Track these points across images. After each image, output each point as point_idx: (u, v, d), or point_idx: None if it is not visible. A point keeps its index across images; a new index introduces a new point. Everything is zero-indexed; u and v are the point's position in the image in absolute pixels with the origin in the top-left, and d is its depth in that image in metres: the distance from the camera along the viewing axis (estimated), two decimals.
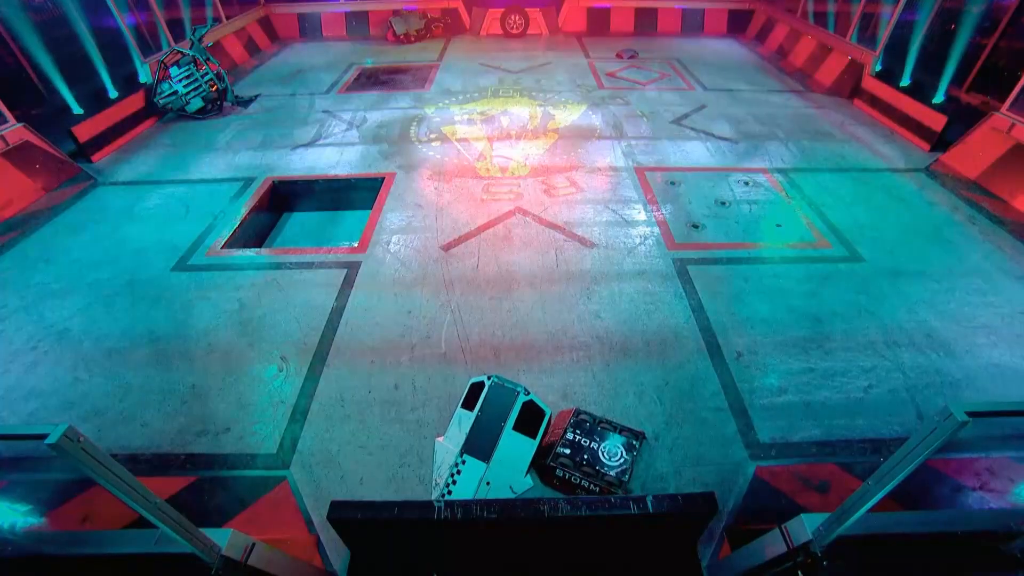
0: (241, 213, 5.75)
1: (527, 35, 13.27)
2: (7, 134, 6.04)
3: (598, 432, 3.23)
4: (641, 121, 8.07)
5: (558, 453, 3.09)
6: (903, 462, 1.69)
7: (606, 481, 3.02)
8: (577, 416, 3.31)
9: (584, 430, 3.22)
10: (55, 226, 5.60)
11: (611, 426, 3.28)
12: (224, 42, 10.86)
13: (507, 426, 3.20)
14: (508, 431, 3.19)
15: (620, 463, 3.10)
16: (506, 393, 3.30)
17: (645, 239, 5.27)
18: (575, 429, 3.22)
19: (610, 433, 3.23)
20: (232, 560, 2.10)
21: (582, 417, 3.30)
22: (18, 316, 4.39)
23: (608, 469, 3.06)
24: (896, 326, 4.20)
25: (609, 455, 3.12)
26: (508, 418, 3.23)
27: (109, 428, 3.45)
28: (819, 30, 10.47)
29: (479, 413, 3.24)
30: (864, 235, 5.31)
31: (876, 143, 7.34)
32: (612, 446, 3.16)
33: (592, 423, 3.27)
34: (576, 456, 3.10)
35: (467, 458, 3.12)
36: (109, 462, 1.64)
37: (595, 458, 3.10)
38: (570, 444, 3.15)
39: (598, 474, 3.04)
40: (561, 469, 3.05)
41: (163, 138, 7.65)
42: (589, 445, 3.15)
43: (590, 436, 3.20)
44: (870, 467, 3.17)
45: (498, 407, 3.26)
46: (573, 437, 3.18)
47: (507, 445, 3.17)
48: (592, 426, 3.26)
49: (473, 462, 3.11)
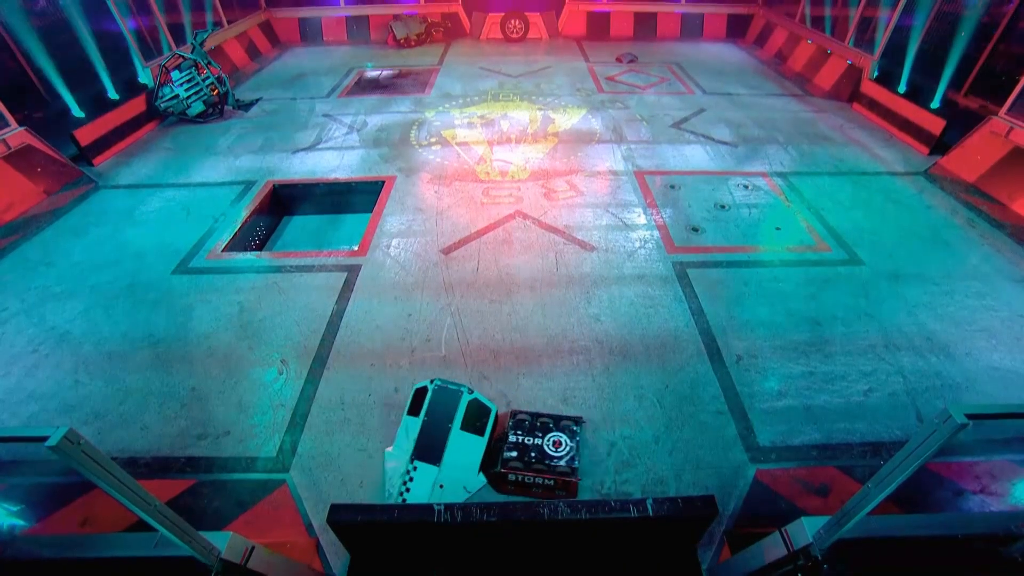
0: (242, 216, 5.76)
1: (527, 39, 13.32)
2: (9, 138, 6.06)
3: (539, 427, 3.26)
4: (641, 125, 8.10)
5: (506, 458, 3.09)
6: (903, 465, 1.69)
7: (558, 472, 3.04)
8: (515, 417, 3.33)
9: (525, 429, 3.25)
10: (56, 229, 5.62)
11: (549, 418, 3.32)
12: (225, 46, 10.91)
13: (454, 427, 3.19)
14: (456, 431, 3.18)
15: (567, 451, 3.13)
16: (450, 394, 3.28)
17: (645, 243, 5.28)
18: (516, 430, 3.23)
19: (550, 425, 3.27)
20: (231, 563, 2.10)
21: (520, 417, 3.33)
22: (19, 319, 4.39)
23: (557, 461, 3.09)
24: (896, 329, 4.20)
25: (555, 447, 3.16)
26: (454, 419, 3.21)
27: (109, 431, 3.45)
28: (818, 34, 10.52)
29: (425, 418, 3.21)
30: (863, 238, 5.32)
31: (875, 147, 7.37)
32: (555, 437, 3.20)
33: (531, 420, 3.30)
34: (524, 456, 3.11)
35: (418, 464, 3.10)
36: (109, 465, 1.64)
37: (542, 453, 3.12)
38: (515, 446, 3.15)
39: (549, 468, 3.06)
40: (513, 473, 3.05)
41: (164, 142, 7.67)
42: (533, 442, 3.17)
43: (532, 433, 3.22)
44: (870, 470, 3.18)
45: (444, 409, 3.24)
46: (516, 439, 3.19)
47: (456, 445, 3.17)
48: (532, 423, 3.28)
49: (424, 467, 3.09)
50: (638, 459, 3.27)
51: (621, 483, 3.15)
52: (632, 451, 3.32)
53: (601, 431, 3.43)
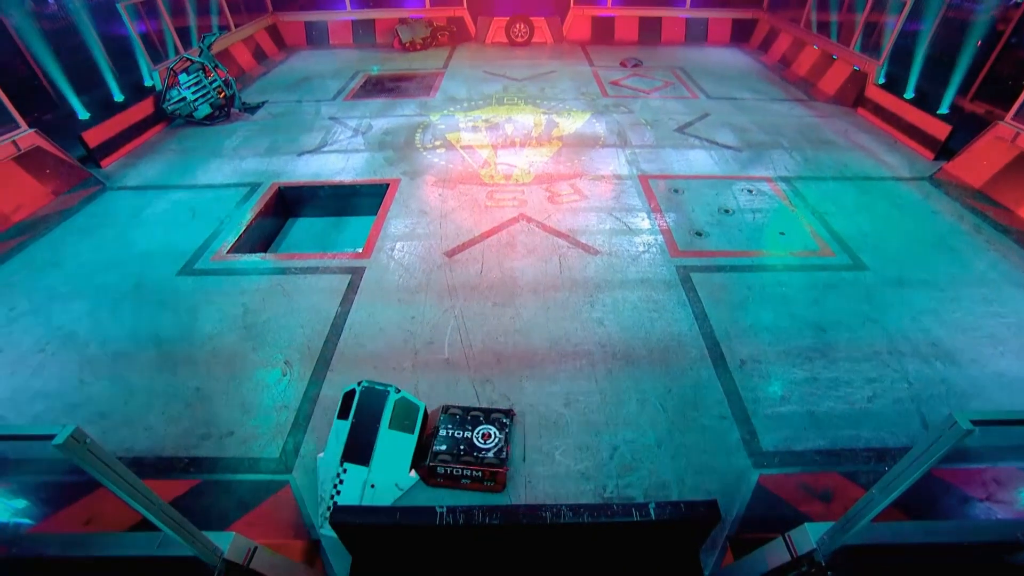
0: (247, 218, 5.79)
1: (532, 43, 13.37)
2: (19, 139, 6.15)
3: (469, 421, 3.31)
4: (645, 129, 8.11)
5: (435, 451, 3.15)
6: (907, 471, 1.68)
7: (487, 464, 3.10)
8: (447, 411, 3.39)
9: (456, 423, 3.31)
10: (64, 230, 5.66)
11: (480, 412, 3.36)
12: (232, 49, 11.00)
13: (382, 426, 3.19)
14: (384, 430, 3.19)
15: (496, 443, 3.19)
16: (377, 395, 3.28)
17: (649, 247, 5.28)
18: (447, 425, 3.29)
19: (481, 419, 3.31)
20: (234, 564, 2.10)
21: (452, 411, 3.38)
22: (26, 319, 4.43)
23: (486, 452, 3.14)
24: (901, 335, 4.18)
25: (484, 439, 3.21)
26: (382, 418, 3.21)
27: (113, 431, 3.47)
28: (823, 39, 10.52)
29: (353, 420, 3.21)
30: (868, 244, 5.31)
31: (880, 152, 7.35)
32: (485, 430, 3.26)
33: (462, 414, 3.35)
34: (453, 449, 3.16)
35: (347, 466, 3.10)
36: (115, 464, 1.65)
37: (471, 446, 3.18)
38: (445, 439, 3.21)
39: (478, 460, 3.12)
40: (442, 466, 3.11)
41: (171, 144, 7.73)
42: (463, 435, 3.23)
43: (462, 427, 3.28)
44: (874, 476, 3.15)
45: (372, 410, 3.24)
46: (447, 432, 3.25)
47: (386, 445, 3.17)
48: (463, 417, 3.34)
49: (354, 468, 3.09)
50: (640, 463, 3.26)
51: (624, 487, 3.14)
52: (635, 455, 3.31)
53: (604, 435, 3.42)
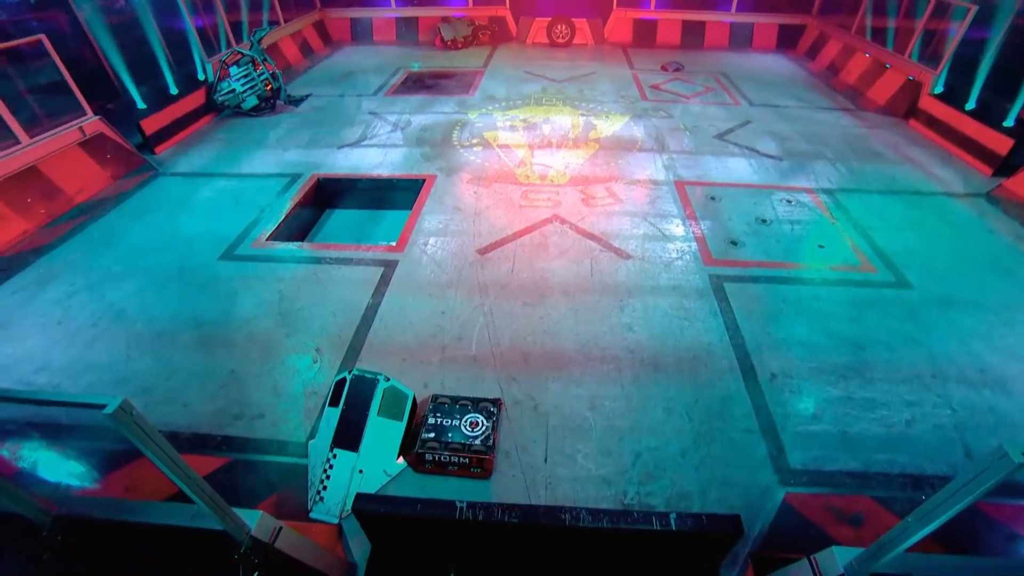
0: (286, 207, 5.97)
1: (573, 45, 13.32)
2: (85, 126, 6.54)
3: (457, 410, 3.37)
4: (684, 135, 7.98)
5: (424, 439, 3.22)
6: (949, 501, 1.61)
7: (474, 451, 3.17)
8: (435, 400, 3.47)
9: (444, 412, 3.38)
10: (119, 212, 5.97)
11: (469, 401, 3.43)
12: (281, 44, 11.35)
13: (371, 413, 3.25)
14: (373, 418, 3.24)
15: (483, 431, 3.28)
16: (367, 383, 3.33)
17: (682, 254, 5.20)
18: (435, 413, 3.37)
19: (469, 408, 3.38)
20: (260, 541, 2.18)
21: (441, 400, 3.47)
22: (82, 295, 4.69)
23: (473, 440, 3.23)
24: (945, 358, 4.00)
25: (471, 427, 3.28)
26: (371, 406, 3.27)
27: (155, 405, 3.64)
28: (875, 46, 10.12)
29: (344, 407, 3.27)
30: (913, 261, 5.09)
31: (931, 166, 7.03)
32: (472, 418, 3.33)
33: (451, 403, 3.42)
34: (441, 437, 3.24)
35: (337, 451, 3.16)
36: (156, 437, 1.74)
37: (459, 434, 3.25)
38: (433, 428, 3.29)
39: (465, 447, 3.19)
40: (429, 452, 3.17)
41: (219, 133, 8.03)
42: (451, 424, 3.31)
43: (450, 416, 3.36)
44: (910, 504, 3.03)
45: (361, 398, 3.30)
46: (435, 420, 3.33)
47: (375, 431, 3.23)
48: (451, 407, 3.40)
49: (344, 454, 3.16)
50: (663, 472, 3.22)
51: (645, 495, 3.11)
52: (657, 463, 3.27)
53: (627, 440, 3.40)
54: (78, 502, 2.24)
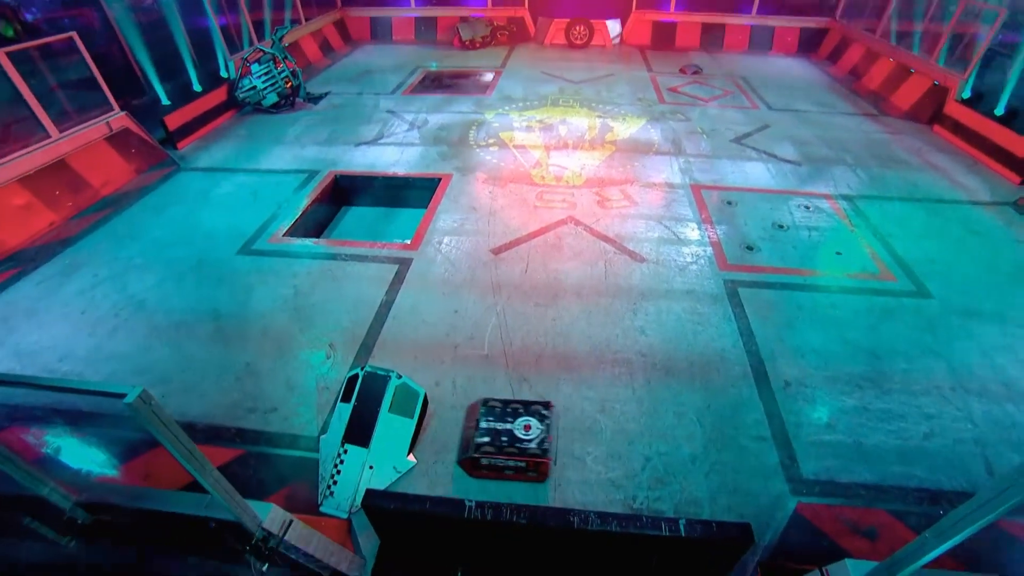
0: (303, 204, 6.05)
1: (591, 46, 13.27)
2: (112, 121, 6.71)
3: (509, 413, 3.32)
4: (701, 138, 7.91)
5: (479, 443, 3.17)
6: (968, 518, 1.58)
7: (530, 454, 3.12)
8: (486, 404, 3.41)
9: (496, 415, 3.32)
10: (142, 206, 6.10)
11: (520, 404, 3.38)
12: (301, 42, 11.49)
13: (382, 410, 3.26)
14: (384, 414, 3.25)
15: (538, 434, 3.22)
16: (379, 380, 3.35)
17: (697, 258, 5.16)
18: (487, 417, 3.32)
19: (520, 411, 3.33)
20: (271, 533, 2.22)
21: (492, 404, 3.41)
22: (106, 285, 4.80)
23: (528, 443, 3.17)
24: (966, 371, 3.91)
25: (525, 430, 3.23)
26: (383, 402, 3.28)
27: (172, 395, 3.71)
28: (900, 51, 9.93)
29: (355, 403, 3.29)
30: (935, 270, 4.99)
31: (956, 173, 6.88)
32: (526, 421, 3.27)
33: (502, 407, 3.36)
34: (495, 441, 3.18)
35: (348, 447, 3.18)
36: (173, 427, 1.78)
37: (513, 437, 3.20)
38: (487, 432, 3.23)
39: (520, 451, 3.13)
40: (485, 457, 3.12)
41: (239, 129, 8.16)
42: (504, 427, 3.24)
43: (503, 419, 3.30)
44: (927, 519, 2.99)
45: (373, 394, 3.31)
46: (488, 425, 3.27)
47: (385, 428, 3.24)
48: (503, 410, 3.35)
49: (354, 450, 3.17)
50: (673, 477, 3.21)
51: (654, 499, 3.09)
52: (667, 468, 3.25)
53: (637, 444, 3.38)
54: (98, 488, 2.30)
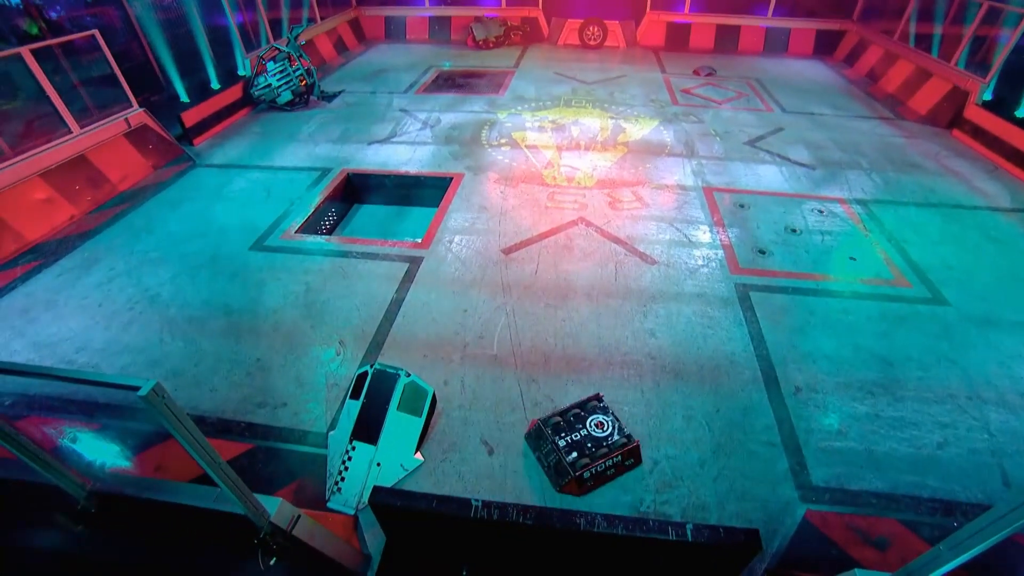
0: (316, 201, 6.10)
1: (604, 47, 13.23)
2: (131, 117, 6.83)
3: (572, 421, 3.29)
4: (714, 140, 7.85)
5: (571, 462, 3.08)
6: (984, 532, 1.55)
7: (620, 446, 3.14)
8: (547, 424, 3.29)
9: (565, 429, 3.26)
10: (158, 201, 6.19)
11: (576, 408, 3.36)
12: (317, 40, 11.58)
13: (391, 408, 3.27)
14: (392, 412, 3.27)
15: (614, 426, 3.24)
16: (389, 378, 3.36)
17: (708, 261, 5.12)
18: (559, 434, 3.22)
19: (581, 414, 3.31)
20: (279, 528, 2.23)
21: (554, 421, 3.30)
22: (122, 279, 4.88)
23: (612, 437, 3.19)
24: (983, 380, 3.84)
25: (599, 428, 3.23)
26: (391, 400, 3.29)
27: (184, 389, 3.76)
28: (918, 53, 9.77)
29: (364, 400, 3.31)
30: (951, 277, 4.90)
31: (975, 178, 6.76)
32: (595, 419, 3.28)
33: (563, 419, 3.31)
34: (583, 451, 3.13)
35: (356, 444, 3.20)
36: (185, 420, 1.80)
37: (596, 440, 3.18)
38: (570, 446, 3.16)
39: (611, 447, 3.14)
40: (586, 471, 3.06)
41: (254, 127, 8.25)
42: (583, 435, 3.21)
43: (573, 429, 3.25)
44: (940, 531, 2.94)
45: (382, 392, 3.33)
46: (567, 441, 3.19)
47: (393, 426, 3.25)
48: (566, 421, 3.30)
49: (362, 447, 3.19)
50: (681, 481, 3.19)
51: (661, 503, 3.07)
52: (675, 472, 3.23)
53: (645, 448, 3.36)
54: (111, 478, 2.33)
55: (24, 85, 5.70)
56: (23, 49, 5.48)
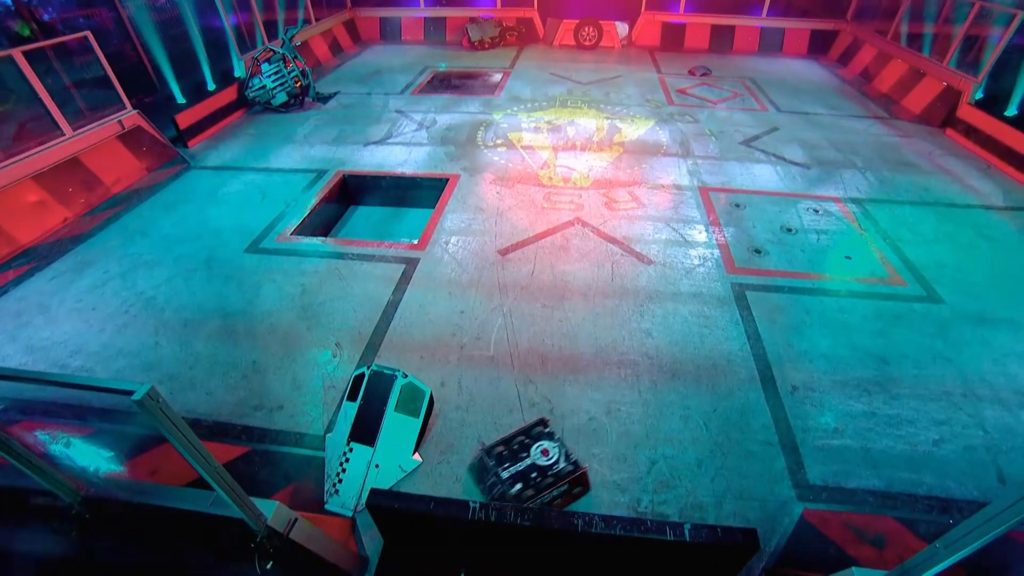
0: (311, 203, 6.08)
1: (599, 47, 13.25)
2: (124, 119, 6.79)
3: (518, 449, 3.16)
4: (709, 140, 7.87)
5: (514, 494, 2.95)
6: (980, 529, 1.55)
7: (566, 474, 3.03)
8: (490, 454, 3.14)
9: (509, 458, 3.11)
10: (152, 203, 6.15)
11: (520, 435, 3.24)
12: (312, 42, 11.55)
13: (388, 409, 3.26)
14: (390, 413, 3.26)
15: (559, 452, 3.11)
16: (386, 379, 3.35)
17: (704, 260, 5.13)
18: (502, 465, 3.08)
19: (526, 441, 3.20)
20: (276, 531, 2.22)
21: (496, 451, 3.16)
22: (116, 282, 4.85)
23: (557, 464, 3.06)
24: (978, 378, 3.86)
25: (544, 455, 3.11)
26: (389, 401, 3.28)
27: (180, 392, 3.74)
28: (911, 53, 9.83)
29: (362, 402, 3.30)
30: (946, 275, 4.93)
31: (969, 177, 6.80)
32: (540, 447, 3.15)
33: (507, 447, 3.17)
34: (529, 483, 2.99)
35: (354, 445, 3.19)
36: (180, 424, 1.78)
37: (541, 469, 3.05)
38: (515, 478, 3.01)
39: (557, 476, 3.01)
40: (530, 503, 2.93)
41: (249, 128, 8.22)
42: (526, 465, 3.06)
43: (517, 458, 3.11)
44: (936, 528, 2.95)
45: (379, 393, 3.32)
46: (510, 472, 3.04)
47: (391, 427, 3.24)
48: (510, 450, 3.15)
49: (360, 448, 3.18)
50: (679, 481, 3.19)
51: (659, 503, 3.07)
52: (673, 472, 3.24)
53: (643, 448, 3.37)
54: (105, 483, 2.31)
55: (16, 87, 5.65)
56: (15, 51, 5.44)
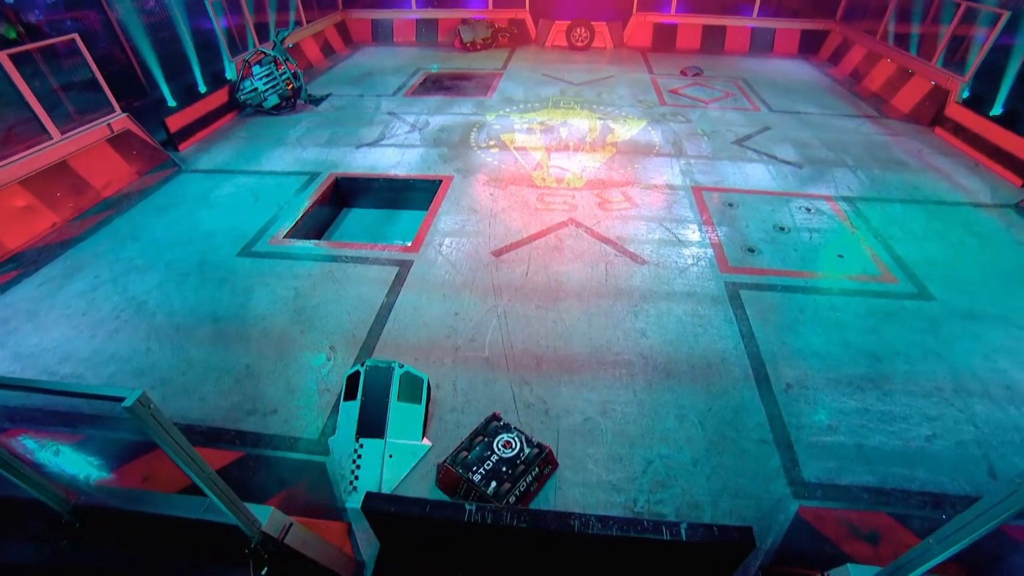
0: (304, 205, 6.05)
1: (592, 48, 13.28)
2: (113, 123, 6.73)
3: (479, 448, 3.19)
4: (702, 140, 7.91)
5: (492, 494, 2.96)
6: (973, 524, 1.56)
7: (532, 458, 3.12)
8: (455, 461, 3.14)
9: (476, 459, 3.13)
10: (143, 207, 6.10)
11: (478, 435, 3.28)
12: (303, 44, 11.50)
13: (391, 399, 3.30)
14: (394, 403, 3.30)
15: (520, 441, 3.20)
16: (383, 372, 3.39)
17: (698, 260, 5.15)
18: (471, 469, 3.08)
19: (486, 439, 3.25)
20: (270, 537, 2.20)
21: (459, 456, 3.16)
22: (107, 287, 4.80)
23: (523, 452, 3.14)
24: (969, 373, 3.90)
25: (507, 447, 3.18)
26: (391, 392, 3.32)
27: (172, 398, 3.70)
28: (900, 53, 9.93)
29: (362, 398, 3.33)
30: (936, 272, 4.98)
31: (957, 175, 6.87)
32: (501, 440, 3.22)
33: (468, 449, 3.20)
34: (502, 476, 3.03)
35: (364, 441, 3.21)
36: (172, 430, 1.77)
37: (509, 461, 3.12)
38: (489, 476, 3.04)
39: (526, 462, 3.10)
40: (511, 495, 2.98)
41: (240, 131, 8.16)
42: (494, 460, 3.12)
43: (483, 458, 3.13)
44: (930, 523, 2.97)
45: (379, 387, 3.35)
46: (482, 472, 3.05)
47: (397, 416, 3.28)
48: (473, 451, 3.17)
49: (371, 443, 3.20)
50: (674, 480, 3.19)
51: (655, 503, 3.08)
52: (669, 471, 3.24)
53: (638, 447, 3.37)
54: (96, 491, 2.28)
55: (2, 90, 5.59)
56: (1, 54, 5.38)
